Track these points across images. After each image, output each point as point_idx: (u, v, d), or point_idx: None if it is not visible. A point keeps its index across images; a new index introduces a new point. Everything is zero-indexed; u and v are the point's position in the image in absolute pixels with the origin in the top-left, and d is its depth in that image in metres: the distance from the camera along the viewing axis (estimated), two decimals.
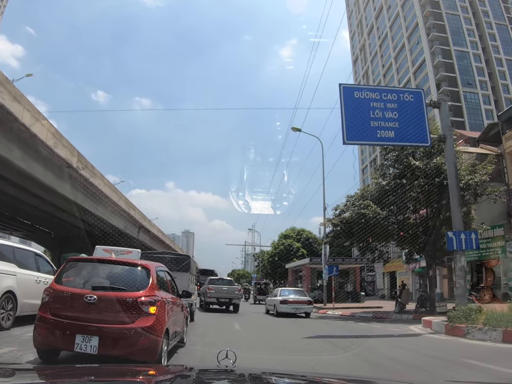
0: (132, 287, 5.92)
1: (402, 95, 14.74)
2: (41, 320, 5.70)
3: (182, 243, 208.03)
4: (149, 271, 6.20)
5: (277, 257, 48.37)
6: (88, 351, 5.32)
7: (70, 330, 5.44)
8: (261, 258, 62.76)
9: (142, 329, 5.49)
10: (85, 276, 6.14)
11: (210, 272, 41.70)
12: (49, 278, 10.46)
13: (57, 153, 22.00)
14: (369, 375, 5.25)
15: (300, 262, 34.38)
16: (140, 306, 5.63)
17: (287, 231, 50.95)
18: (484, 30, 69.74)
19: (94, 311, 5.49)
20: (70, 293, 5.77)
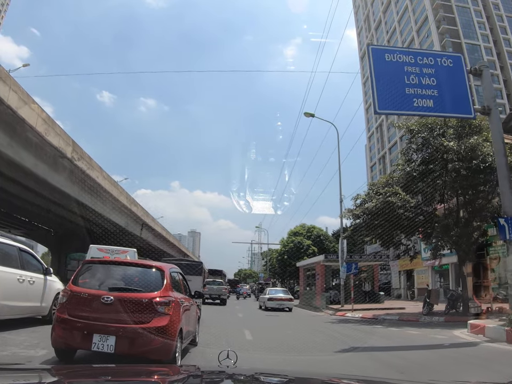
0: (147, 288, 5.99)
1: (439, 60, 12.48)
2: (59, 321, 5.76)
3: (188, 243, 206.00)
4: (163, 273, 6.28)
5: (286, 255, 45.82)
6: (105, 350, 5.38)
7: (88, 330, 5.50)
8: (269, 257, 60.15)
9: (157, 328, 5.56)
10: (101, 277, 6.24)
11: (219, 273, 42.90)
12: (36, 277, 9.34)
13: (49, 141, 19.83)
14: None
15: (313, 259, 31.93)
16: (155, 307, 5.70)
17: (297, 228, 48.15)
18: (495, 22, 67.15)
19: (110, 311, 5.54)
20: (87, 294, 5.80)
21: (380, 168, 72.55)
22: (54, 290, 10.10)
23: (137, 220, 34.91)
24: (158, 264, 6.79)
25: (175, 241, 53.26)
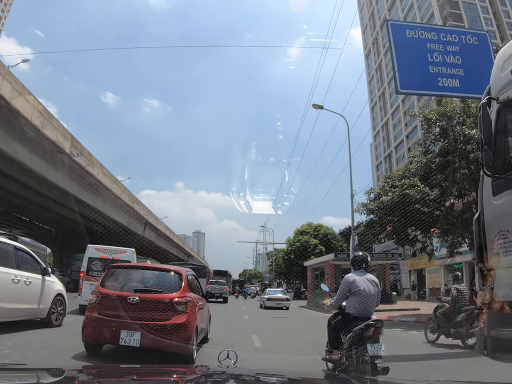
0: (167, 289, 6.65)
1: (464, 37, 11.40)
2: (89, 319, 6.37)
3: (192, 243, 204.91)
4: (181, 276, 6.96)
5: (292, 255, 44.43)
6: (131, 344, 6.05)
7: (116, 327, 6.10)
8: (274, 257, 58.74)
9: (177, 325, 6.21)
10: (126, 280, 6.90)
11: (224, 273, 44.05)
12: (33, 277, 8.84)
13: (46, 134, 18.83)
14: None
15: (322, 258, 30.68)
16: (174, 306, 6.34)
17: (303, 227, 46.70)
18: (502, 19, 65.92)
19: (136, 310, 6.15)
20: (115, 295, 6.37)
21: (386, 167, 71.23)
22: (54, 292, 9.58)
23: (140, 218, 33.88)
24: (176, 268, 7.48)
25: (179, 241, 52.19)
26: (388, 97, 72.57)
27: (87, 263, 14.96)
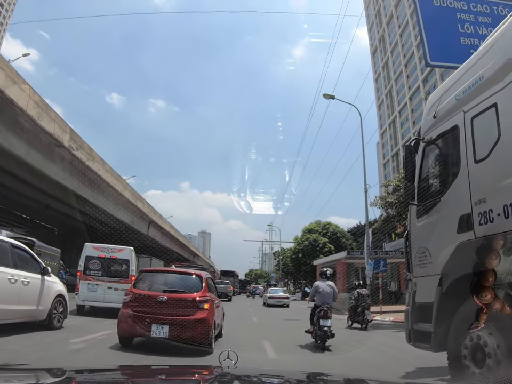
0: (191, 290, 7.94)
1: (496, 8, 10.27)
2: (124, 315, 7.46)
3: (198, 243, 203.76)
4: (202, 278, 8.33)
5: (301, 253, 42.81)
6: (161, 336, 7.12)
7: (148, 321, 7.21)
8: (281, 256, 57.28)
9: (199, 320, 7.38)
10: (156, 282, 8.24)
11: (231, 273, 46.27)
12: (32, 277, 8.40)
13: (42, 126, 17.75)
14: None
15: (333, 256, 29.34)
16: (197, 304, 7.57)
17: (312, 225, 45.13)
18: None
19: (164, 307, 7.32)
20: (147, 295, 7.56)
21: (393, 165, 69.85)
22: (54, 292, 9.15)
23: (144, 217, 32.81)
24: (197, 272, 8.90)
25: (185, 241, 51.11)
26: (395, 94, 71.20)
27: (84, 262, 14.26)
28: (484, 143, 4.66)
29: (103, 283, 14.02)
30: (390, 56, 74.39)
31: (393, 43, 73.86)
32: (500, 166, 4.34)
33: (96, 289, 14.16)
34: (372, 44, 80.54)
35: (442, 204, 5.16)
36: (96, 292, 14.07)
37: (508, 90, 4.38)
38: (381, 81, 75.95)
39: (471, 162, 4.74)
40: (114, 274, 14.29)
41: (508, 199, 4.12)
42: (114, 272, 14.35)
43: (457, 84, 5.31)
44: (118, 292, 13.61)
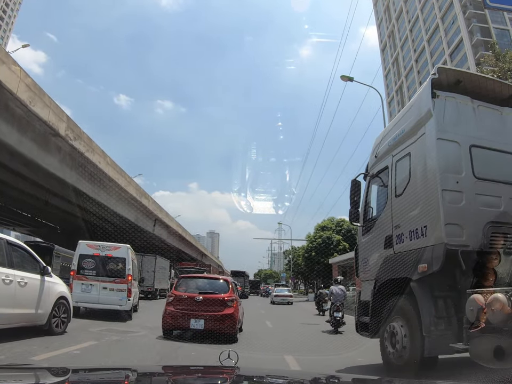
0: (220, 291, 9.74)
1: None
2: (168, 312, 9.12)
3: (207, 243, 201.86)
4: (228, 282, 10.25)
5: (314, 252, 40.65)
6: (197, 327, 8.81)
7: (187, 317, 8.89)
8: (291, 256, 55.16)
9: (227, 315, 9.08)
10: (192, 286, 10.05)
11: (242, 274, 45.46)
12: (30, 277, 7.59)
13: (35, 112, 16.02)
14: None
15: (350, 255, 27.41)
16: (226, 302, 9.29)
17: (325, 222, 42.85)
18: None
19: (200, 305, 9.01)
20: (186, 296, 9.33)
21: None
22: (55, 294, 8.33)
23: (149, 214, 31.07)
24: (224, 277, 11.79)
25: (192, 240, 49.30)
26: (405, 90, 69.02)
27: (77, 261, 13.26)
28: (401, 182, 5.86)
29: (97, 283, 12.90)
30: (400, 52, 72.24)
31: (403, 38, 71.72)
32: (408, 202, 5.56)
33: (90, 289, 12.96)
34: (381, 40, 78.46)
35: (376, 226, 6.47)
36: (90, 293, 12.86)
37: (418, 144, 5.54)
38: (391, 77, 73.85)
39: (393, 196, 5.99)
40: (110, 273, 13.17)
41: (412, 227, 5.45)
42: (109, 272, 13.21)
43: (391, 132, 6.47)
44: (114, 292, 12.76)
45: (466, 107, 5.60)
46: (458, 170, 5.25)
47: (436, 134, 5.26)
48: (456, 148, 5.32)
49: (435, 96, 5.44)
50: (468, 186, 5.19)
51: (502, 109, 5.84)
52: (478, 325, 4.12)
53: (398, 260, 5.59)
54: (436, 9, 63.77)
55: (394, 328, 5.45)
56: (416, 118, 5.65)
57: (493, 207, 5.25)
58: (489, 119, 5.70)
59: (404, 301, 5.35)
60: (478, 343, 4.37)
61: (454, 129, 5.40)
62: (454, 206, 5.07)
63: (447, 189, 5.11)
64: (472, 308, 4.39)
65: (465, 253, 4.86)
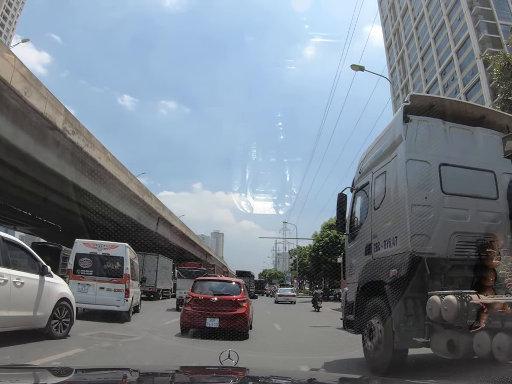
0: (233, 293, 10.65)
1: None
2: (185, 312, 9.98)
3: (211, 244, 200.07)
4: (240, 284, 11.25)
5: (321, 251, 39.59)
6: (213, 326, 9.53)
7: (203, 316, 9.65)
8: (297, 255, 54.00)
9: (240, 314, 9.94)
10: (207, 288, 10.93)
11: (247, 274, 44.94)
12: (27, 277, 7.05)
13: (31, 104, 15.19)
14: None
15: None
16: (238, 303, 10.19)
17: (332, 221, 41.41)
18: None
19: (215, 305, 9.87)
20: (202, 297, 10.20)
21: None
22: (56, 296, 7.84)
23: (152, 213, 30.22)
24: (237, 280, 12.41)
25: (196, 239, 48.40)
26: (411, 89, 67.89)
27: (74, 260, 12.78)
28: (378, 197, 6.56)
29: (94, 283, 12.44)
30: (405, 50, 71.15)
31: (408, 36, 70.64)
32: (384, 215, 6.32)
33: (87, 289, 12.43)
34: (386, 38, 77.36)
35: (359, 234, 7.15)
36: (87, 293, 12.32)
37: (391, 164, 6.22)
38: (396, 75, 72.73)
39: (372, 209, 6.71)
40: (107, 273, 12.75)
41: (386, 236, 6.18)
42: (107, 271, 12.80)
43: (373, 150, 7.02)
44: (111, 292, 12.36)
45: (437, 129, 6.11)
46: (427, 186, 5.80)
47: (406, 156, 5.81)
48: (426, 166, 5.85)
49: (408, 120, 5.97)
50: (436, 201, 5.73)
51: (473, 129, 6.28)
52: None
53: (375, 265, 6.30)
54: (441, 6, 62.67)
55: (372, 325, 6.06)
56: (390, 141, 6.26)
57: (460, 218, 5.77)
58: (460, 139, 6.17)
59: (380, 301, 5.97)
60: (435, 337, 5.05)
61: (424, 150, 5.91)
62: (423, 219, 5.60)
63: (416, 204, 5.66)
64: (431, 307, 4.96)
65: (431, 259, 5.43)
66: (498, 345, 4.09)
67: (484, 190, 6.00)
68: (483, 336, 4.32)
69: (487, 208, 5.90)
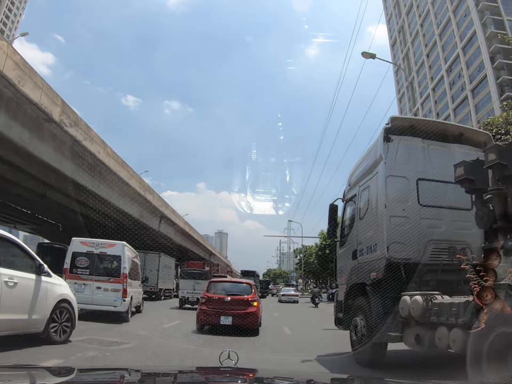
0: (245, 293, 11.43)
1: None
2: (201, 311, 10.78)
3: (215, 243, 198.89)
4: (251, 285, 12.02)
5: (328, 249, 38.38)
6: (226, 323, 10.35)
7: (217, 314, 10.51)
8: (302, 254, 52.98)
9: (251, 312, 10.76)
10: (221, 288, 11.79)
11: (252, 273, 45.15)
12: (21, 276, 6.36)
13: (24, 93, 14.29)
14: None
15: None
16: (249, 302, 11.00)
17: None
18: None
19: (229, 304, 10.70)
20: (217, 297, 11.01)
21: None
22: (55, 297, 7.17)
23: (154, 211, 29.31)
24: (248, 281, 13.02)
25: (200, 238, 47.46)
26: (416, 86, 66.90)
27: (70, 259, 12.28)
28: (363, 208, 7.30)
29: (91, 282, 12.02)
30: (410, 47, 70.09)
31: (413, 33, 69.59)
32: (367, 225, 6.97)
33: (83, 289, 11.88)
34: (391, 36, 76.36)
35: (348, 241, 8.00)
36: (83, 293, 11.69)
37: (373, 180, 6.84)
38: (401, 73, 71.65)
39: (358, 219, 7.51)
40: (104, 272, 12.38)
41: (369, 244, 6.83)
42: (103, 270, 12.44)
43: (360, 165, 7.85)
44: (108, 292, 11.93)
45: (417, 147, 6.64)
46: (405, 199, 6.38)
47: (385, 173, 6.39)
48: (405, 181, 6.43)
49: (389, 140, 6.51)
50: (413, 212, 6.28)
51: (451, 146, 6.76)
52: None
53: (360, 269, 6.96)
54: (447, 2, 61.59)
55: (356, 322, 6.68)
56: (373, 158, 6.88)
57: (435, 228, 6.28)
58: (438, 155, 6.67)
59: (363, 301, 6.59)
60: (406, 332, 5.69)
61: (404, 167, 6.49)
62: (400, 229, 6.15)
63: (395, 215, 6.26)
64: (402, 306, 5.58)
65: (408, 264, 6.00)
66: (454, 339, 4.61)
67: (459, 201, 6.32)
68: (442, 331, 4.86)
69: (461, 218, 6.38)
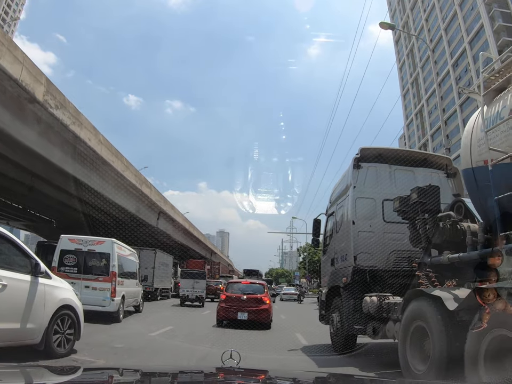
0: (259, 292, 13.02)
1: None
2: (221, 307, 12.43)
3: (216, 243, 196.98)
4: (264, 286, 13.85)
5: None
6: (243, 318, 11.92)
7: (235, 311, 12.11)
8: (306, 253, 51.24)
9: (264, 309, 12.39)
10: (238, 288, 13.47)
11: (255, 273, 45.10)
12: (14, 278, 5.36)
13: (1, 66, 12.66)
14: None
15: None
16: (263, 300, 12.58)
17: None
18: None
19: (245, 302, 12.30)
20: (234, 296, 12.68)
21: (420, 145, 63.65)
22: (55, 302, 6.05)
23: (152, 206, 27.58)
24: (261, 282, 15.59)
25: (200, 236, 45.65)
26: (421, 82, 65.10)
27: (59, 257, 11.86)
28: (338, 223, 8.55)
29: (79, 281, 11.42)
30: (415, 42, 68.25)
31: (418, 28, 67.75)
32: (340, 238, 8.29)
33: None
34: (395, 32, 74.43)
35: (328, 250, 9.20)
36: None
37: (346, 201, 8.11)
38: (406, 69, 69.92)
39: (335, 232, 8.71)
40: (92, 270, 11.94)
41: (341, 254, 8.11)
42: (92, 269, 11.97)
43: (339, 186, 9.08)
44: (96, 291, 11.49)
45: (384, 171, 8.00)
46: (372, 217, 7.73)
47: (354, 196, 7.76)
48: (372, 202, 7.78)
49: (359, 167, 7.90)
50: (379, 227, 7.62)
51: (415, 169, 7.98)
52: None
53: (336, 274, 8.31)
54: None
55: (333, 317, 8.06)
56: (346, 183, 8.33)
57: (398, 240, 7.37)
58: (402, 178, 7.87)
59: (338, 300, 7.95)
60: (367, 326, 6.95)
61: (371, 189, 7.85)
62: (367, 241, 7.45)
63: (363, 230, 7.61)
64: (364, 305, 6.81)
65: (373, 271, 7.24)
66: (396, 330, 5.76)
67: None
68: (390, 324, 6.10)
69: None
